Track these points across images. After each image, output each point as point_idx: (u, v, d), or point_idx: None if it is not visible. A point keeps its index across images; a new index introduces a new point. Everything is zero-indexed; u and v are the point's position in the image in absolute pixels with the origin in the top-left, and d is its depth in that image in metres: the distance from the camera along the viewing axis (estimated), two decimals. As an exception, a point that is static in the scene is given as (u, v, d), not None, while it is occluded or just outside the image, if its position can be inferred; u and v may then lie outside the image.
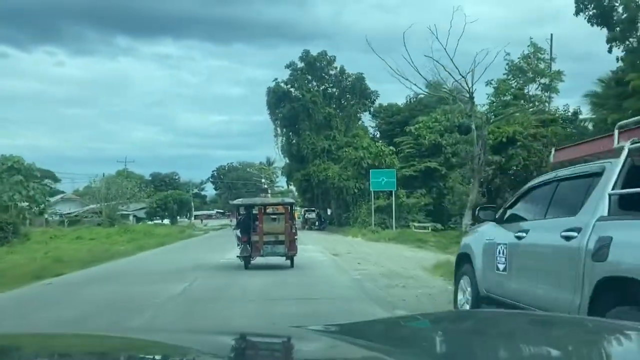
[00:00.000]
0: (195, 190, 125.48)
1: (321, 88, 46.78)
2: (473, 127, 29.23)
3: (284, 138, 47.90)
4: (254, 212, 14.88)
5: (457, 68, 28.34)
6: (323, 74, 47.26)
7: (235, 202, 16.37)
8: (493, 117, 34.80)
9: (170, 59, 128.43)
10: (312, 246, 23.67)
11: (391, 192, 34.18)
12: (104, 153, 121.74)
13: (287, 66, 46.65)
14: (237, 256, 14.41)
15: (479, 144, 28.74)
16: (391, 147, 36.54)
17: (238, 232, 14.76)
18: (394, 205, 33.03)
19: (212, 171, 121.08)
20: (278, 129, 48.07)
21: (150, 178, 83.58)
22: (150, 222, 62.20)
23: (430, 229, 31.60)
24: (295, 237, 14.52)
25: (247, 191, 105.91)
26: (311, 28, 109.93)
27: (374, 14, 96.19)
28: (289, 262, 14.26)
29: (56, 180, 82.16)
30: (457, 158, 37.43)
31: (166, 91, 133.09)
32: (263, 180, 77.20)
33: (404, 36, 28.60)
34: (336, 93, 47.89)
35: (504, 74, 47.60)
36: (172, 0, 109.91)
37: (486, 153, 29.50)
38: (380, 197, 34.81)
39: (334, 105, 46.57)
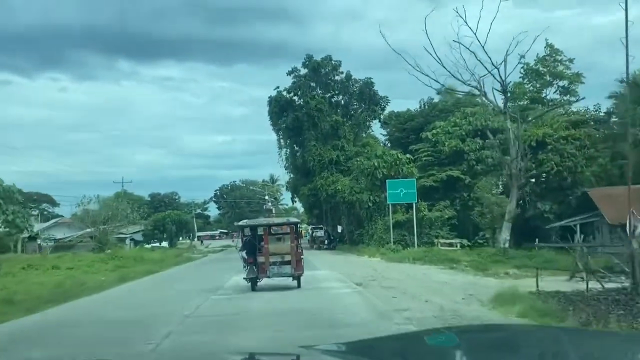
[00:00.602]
0: (198, 211, 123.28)
1: (327, 95, 43.18)
2: (509, 125, 25.48)
3: (288, 150, 44.11)
4: (259, 232, 14.57)
5: (489, 57, 24.81)
6: (328, 81, 43.71)
7: (240, 223, 15.96)
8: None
9: (173, 81, 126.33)
10: (327, 271, 19.80)
11: (411, 204, 30.31)
12: (109, 177, 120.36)
13: (289, 73, 43.18)
14: (244, 278, 13.97)
15: (515, 146, 24.97)
16: (408, 155, 32.73)
17: (244, 253, 14.25)
18: (415, 219, 29.15)
19: (215, 190, 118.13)
20: (282, 140, 44.34)
21: (149, 199, 79.90)
22: (147, 246, 58.46)
23: (458, 245, 27.65)
24: (302, 256, 14.29)
25: (251, 210, 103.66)
26: (312, 47, 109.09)
27: (374, 32, 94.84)
28: (295, 282, 13.94)
29: (54, 204, 78.77)
30: (482, 165, 33.65)
31: (169, 113, 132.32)
32: (266, 198, 73.73)
33: (425, 21, 25.19)
34: (343, 101, 44.31)
35: (519, 78, 44.14)
36: (174, 23, 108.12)
37: (527, 156, 25.72)
38: (399, 211, 30.91)
39: (341, 113, 42.93)
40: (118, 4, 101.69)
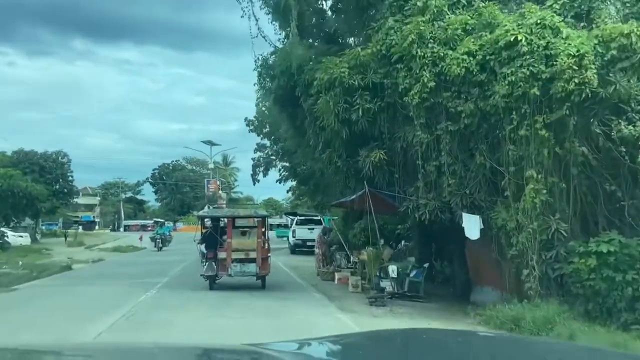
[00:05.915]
0: (129, 194, 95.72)
1: None
2: None
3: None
4: (222, 225, 13.79)
5: None
6: None
7: (201, 213, 15.78)
8: None
9: (130, 65, 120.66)
10: None
11: None
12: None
13: None
14: (201, 275, 13.03)
15: None
16: None
17: (203, 247, 13.36)
18: None
19: (153, 170, 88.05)
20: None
21: (15, 157, 46.80)
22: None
23: None
24: (269, 254, 13.28)
25: (196, 196, 76.51)
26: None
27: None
28: (260, 282, 13.13)
29: None
30: None
31: (125, 97, 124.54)
32: (211, 166, 44.48)
33: None
34: None
35: None
36: (136, 3, 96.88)
37: None
38: None
39: None
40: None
